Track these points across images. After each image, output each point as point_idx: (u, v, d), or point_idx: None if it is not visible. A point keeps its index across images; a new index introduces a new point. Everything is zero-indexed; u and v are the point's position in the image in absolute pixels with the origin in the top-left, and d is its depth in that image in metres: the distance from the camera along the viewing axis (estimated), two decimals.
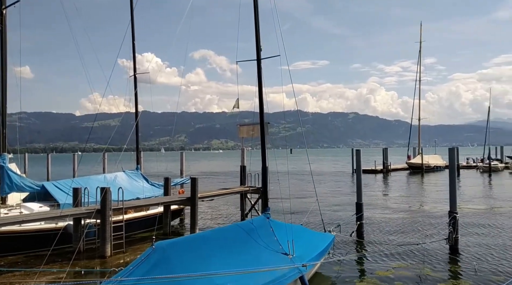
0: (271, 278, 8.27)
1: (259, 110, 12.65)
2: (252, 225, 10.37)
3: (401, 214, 22.84)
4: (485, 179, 47.38)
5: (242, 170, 22.14)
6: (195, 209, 17.15)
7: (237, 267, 8.17)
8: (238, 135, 22.95)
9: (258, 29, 12.34)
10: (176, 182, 21.81)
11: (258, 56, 12.29)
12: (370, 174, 54.70)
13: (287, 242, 9.87)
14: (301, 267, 9.21)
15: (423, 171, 56.32)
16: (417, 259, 13.29)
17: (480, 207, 25.11)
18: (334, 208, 24.89)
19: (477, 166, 62.26)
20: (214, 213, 23.89)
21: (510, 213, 22.56)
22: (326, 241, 12.05)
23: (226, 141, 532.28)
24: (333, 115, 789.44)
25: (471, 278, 11.34)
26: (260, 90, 12.31)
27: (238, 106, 15.39)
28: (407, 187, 40.40)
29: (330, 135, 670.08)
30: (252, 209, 20.85)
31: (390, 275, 11.63)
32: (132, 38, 23.05)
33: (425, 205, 26.82)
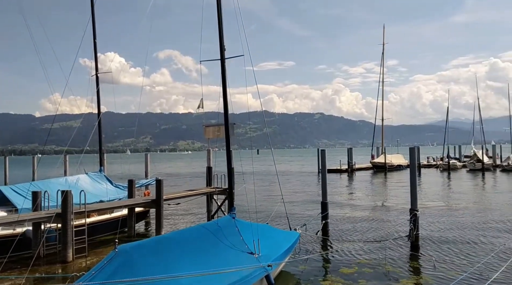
0: (237, 278, 8.28)
1: (223, 111, 12.62)
2: (217, 226, 10.34)
3: (365, 212, 23.35)
4: (445, 177, 49.11)
5: (208, 171, 22.02)
6: (160, 211, 16.94)
7: (203, 268, 8.13)
8: (204, 136, 22.79)
9: (221, 28, 12.32)
10: (141, 183, 21.46)
11: (222, 56, 12.27)
12: (335, 173, 55.65)
13: (252, 241, 9.91)
14: (267, 266, 9.26)
15: (386, 170, 57.76)
16: (380, 256, 13.61)
17: (440, 204, 26.01)
18: (300, 207, 25.16)
19: (437, 165, 64.42)
20: (180, 214, 23.66)
21: (467, 209, 23.48)
22: (292, 239, 12.17)
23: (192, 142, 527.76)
24: (300, 116, 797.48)
25: (430, 274, 11.72)
26: (224, 90, 12.30)
27: (203, 106, 15.29)
28: (371, 186, 41.34)
29: (296, 136, 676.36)
30: (219, 210, 20.77)
31: (353, 273, 11.86)
32: (93, 36, 22.50)
33: (388, 203, 27.53)
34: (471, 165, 58.03)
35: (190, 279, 7.65)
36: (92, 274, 7.39)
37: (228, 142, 12.57)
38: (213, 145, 24.00)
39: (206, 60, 13.28)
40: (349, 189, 38.06)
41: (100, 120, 21.84)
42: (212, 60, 12.69)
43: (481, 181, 42.76)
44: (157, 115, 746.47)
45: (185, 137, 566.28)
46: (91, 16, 22.11)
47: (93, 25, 22.45)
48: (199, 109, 15.31)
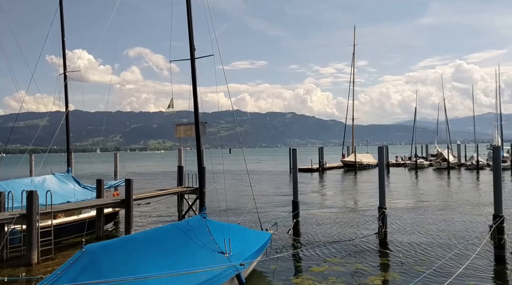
0: (207, 278, 8.24)
1: (193, 110, 12.53)
2: (188, 225, 10.27)
3: (336, 211, 23.67)
4: (412, 175, 50.34)
5: (179, 170, 21.84)
6: (130, 211, 16.66)
7: (173, 268, 8.05)
8: (175, 135, 22.61)
9: (191, 28, 12.23)
10: (110, 184, 21.05)
11: (191, 56, 12.18)
12: (306, 172, 56.15)
13: (223, 241, 9.89)
14: (238, 265, 9.26)
15: (356, 168, 58.75)
16: (350, 254, 13.83)
17: (407, 202, 26.65)
18: (272, 206, 25.26)
19: (405, 164, 65.98)
20: (150, 214, 23.34)
21: (434, 207, 24.15)
22: (263, 239, 12.21)
23: (163, 142, 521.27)
24: (272, 115, 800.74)
25: (398, 270, 12.01)
26: (194, 90, 12.21)
27: (173, 106, 15.16)
28: (341, 185, 41.94)
29: (268, 135, 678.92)
30: (190, 210, 20.64)
31: (324, 271, 12.00)
32: (61, 33, 21.89)
33: (358, 201, 28.01)
34: (437, 164, 59.71)
35: (159, 279, 7.56)
36: (57, 275, 7.21)
37: (198, 141, 12.49)
38: (185, 144, 23.85)
39: (175, 60, 13.16)
40: (320, 188, 38.50)
41: (67, 119, 21.31)
42: (181, 60, 12.59)
43: (446, 180, 44.05)
44: (127, 114, 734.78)
45: (156, 136, 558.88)
46: (60, 12, 21.52)
47: (62, 22, 21.84)
48: (170, 108, 15.17)
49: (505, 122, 68.60)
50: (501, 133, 65.39)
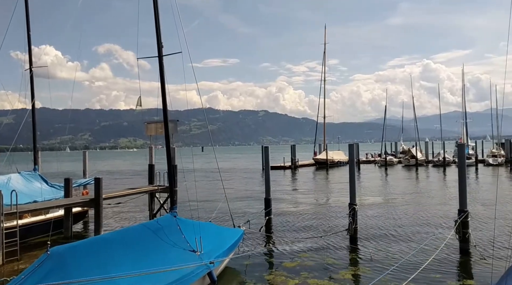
0: (178, 276, 8.18)
1: (162, 108, 12.37)
2: (158, 224, 10.16)
3: (307, 208, 23.92)
4: (382, 172, 51.40)
5: (150, 168, 21.57)
6: (99, 210, 16.34)
7: (143, 268, 7.95)
8: (145, 133, 22.31)
9: (158, 25, 12.06)
10: (79, 183, 20.58)
11: (159, 53, 12.02)
12: (279, 170, 56.46)
13: (194, 239, 9.84)
14: (209, 263, 9.23)
15: (328, 166, 59.48)
16: (321, 250, 14.03)
17: (377, 198, 27.21)
18: (244, 204, 25.31)
19: (375, 161, 67.27)
20: (121, 214, 22.96)
21: (402, 203, 24.75)
22: (235, 236, 12.22)
23: (134, 140, 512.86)
24: (244, 113, 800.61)
25: (367, 264, 12.26)
26: (162, 87, 12.05)
27: (141, 104, 14.94)
28: (313, 182, 42.39)
29: (241, 133, 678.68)
30: (161, 209, 20.43)
31: (296, 267, 12.12)
32: (27, 28, 21.21)
33: (329, 198, 28.39)
34: (406, 161, 61.16)
35: (128, 279, 7.45)
36: (21, 279, 7.01)
37: (168, 139, 12.36)
38: (156, 142, 23.57)
39: (143, 57, 12.96)
40: (292, 185, 38.80)
41: (34, 116, 20.70)
42: (149, 57, 12.41)
43: (415, 176, 45.18)
44: (97, 111, 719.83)
45: (127, 134, 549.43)
46: (25, 7, 20.84)
47: (27, 17, 21.16)
48: (138, 106, 14.94)
49: (470, 120, 70.81)
50: (466, 131, 67.43)
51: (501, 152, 60.25)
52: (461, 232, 12.92)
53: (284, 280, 10.95)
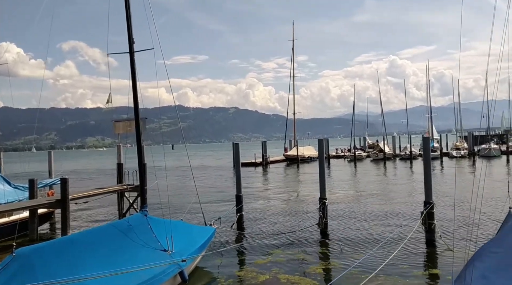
0: (148, 276, 8.09)
1: (133, 106, 12.18)
2: (128, 224, 10.00)
3: (279, 203, 24.08)
4: (352, 167, 52.29)
5: (119, 167, 21.19)
6: (66, 211, 15.95)
7: (112, 268, 7.80)
8: (114, 132, 21.89)
9: (129, 20, 11.84)
10: (44, 183, 20.00)
11: (130, 49, 11.81)
12: (250, 166, 56.54)
13: (165, 238, 9.74)
14: (181, 262, 9.17)
15: (299, 162, 59.98)
16: (292, 245, 14.15)
17: (347, 192, 27.68)
18: (216, 201, 25.23)
19: (344, 155, 68.34)
20: (89, 215, 22.47)
21: (371, 196, 25.28)
22: (207, 234, 12.17)
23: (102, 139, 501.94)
24: (214, 110, 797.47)
25: (337, 258, 12.48)
26: (134, 84, 11.86)
27: (111, 101, 14.65)
28: (284, 178, 42.68)
29: (212, 130, 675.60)
30: (131, 208, 20.11)
31: (267, 263, 12.18)
32: None
33: (300, 193, 28.66)
34: (374, 155, 62.41)
35: (97, 280, 7.31)
36: None
37: (138, 137, 12.18)
38: (125, 140, 23.15)
39: (114, 53, 12.72)
40: (263, 182, 38.96)
41: None
42: (120, 53, 12.17)
43: (383, 170, 46.20)
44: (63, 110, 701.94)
45: (94, 133, 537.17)
46: None
47: None
48: (108, 104, 14.64)
49: (435, 114, 72.96)
50: (431, 125, 69.37)
51: (464, 145, 62.37)
52: (427, 223, 13.29)
53: (255, 276, 11.00)
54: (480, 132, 76.54)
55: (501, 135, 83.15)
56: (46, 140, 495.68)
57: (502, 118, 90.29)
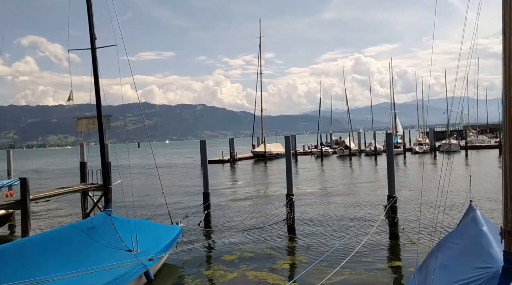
0: (112, 277, 7.91)
1: (96, 103, 11.85)
2: (91, 224, 9.75)
3: (246, 200, 24.12)
4: (318, 163, 52.96)
5: (82, 166, 20.62)
6: (26, 212, 15.34)
7: (74, 270, 7.58)
8: (76, 130, 21.29)
9: (91, 15, 11.50)
10: (1, 184, 19.22)
11: (92, 45, 11.47)
12: (218, 164, 56.32)
13: (130, 238, 9.56)
14: (146, 262, 9.03)
15: (266, 158, 60.24)
16: (260, 241, 14.20)
17: (314, 188, 28.02)
18: (183, 199, 25.00)
19: (311, 152, 69.14)
20: (51, 215, 21.80)
21: (337, 191, 25.73)
22: (173, 233, 12.04)
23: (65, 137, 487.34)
24: (181, 108, 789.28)
25: (304, 252, 12.63)
26: (96, 81, 11.54)
27: (73, 98, 14.22)
28: (252, 175, 42.78)
29: (179, 128, 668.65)
30: (95, 208, 19.61)
31: (235, 260, 12.17)
32: None
33: (268, 190, 28.79)
34: (340, 151, 63.44)
35: (59, 282, 7.09)
36: None
37: (101, 135, 11.87)
38: (89, 139, 22.55)
39: (75, 49, 12.34)
40: (231, 179, 38.90)
41: None
42: (81, 49, 11.81)
43: (349, 165, 47.06)
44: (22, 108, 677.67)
45: (56, 131, 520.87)
46: None
47: None
48: (69, 101, 14.19)
49: (398, 111, 74.81)
50: (394, 121, 71.11)
51: (426, 140, 64.30)
52: (390, 216, 13.62)
53: (223, 274, 10.96)
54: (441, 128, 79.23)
55: (460, 131, 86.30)
56: (5, 139, 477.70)
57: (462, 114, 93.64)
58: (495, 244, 5.93)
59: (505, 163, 5.26)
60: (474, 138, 69.96)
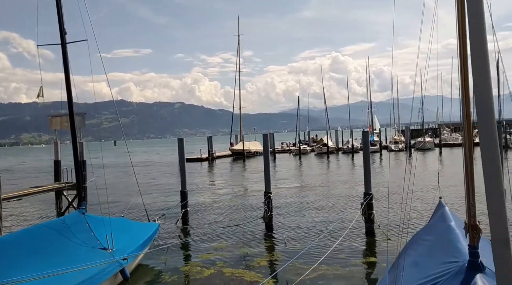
0: (87, 276, 7.79)
1: (67, 100, 11.62)
2: (64, 223, 9.57)
3: (225, 198, 24.08)
4: (297, 160, 53.28)
5: (56, 165, 20.21)
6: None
7: (47, 270, 7.43)
8: (50, 128, 20.84)
9: (60, 8, 11.22)
10: None
11: (62, 40, 11.22)
12: (196, 162, 56.02)
13: (105, 236, 9.42)
14: (122, 260, 8.93)
15: (245, 156, 60.24)
16: (238, 239, 14.22)
17: (292, 186, 28.19)
18: (161, 197, 24.80)
19: (290, 150, 69.48)
20: (24, 215, 21.28)
21: (315, 189, 25.94)
22: (150, 231, 11.93)
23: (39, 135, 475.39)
24: (159, 105, 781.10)
25: (282, 250, 12.70)
26: (67, 77, 11.30)
27: (43, 95, 13.90)
28: (230, 173, 42.71)
29: (157, 126, 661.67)
30: (70, 207, 19.27)
31: (212, 257, 12.16)
32: None
33: (246, 187, 28.81)
34: (318, 149, 63.93)
35: (32, 282, 6.94)
36: None
37: (73, 133, 11.65)
38: (64, 137, 22.08)
39: (44, 44, 12.03)
40: (209, 177, 38.77)
41: None
42: (51, 44, 11.54)
43: (326, 163, 47.48)
44: None
45: (30, 129, 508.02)
46: None
47: None
48: (39, 98, 13.87)
49: (375, 109, 75.92)
50: (371, 119, 72.13)
51: (401, 138, 65.44)
52: (366, 213, 13.84)
53: (200, 271, 10.94)
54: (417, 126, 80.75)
55: (435, 129, 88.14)
56: None
57: (437, 112, 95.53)
58: (462, 239, 6.10)
59: (466, 159, 5.44)
60: (448, 136, 71.52)
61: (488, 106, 2.70)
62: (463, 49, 5.33)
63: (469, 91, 5.38)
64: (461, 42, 5.32)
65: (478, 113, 2.75)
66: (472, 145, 5.42)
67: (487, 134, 2.71)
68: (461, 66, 5.41)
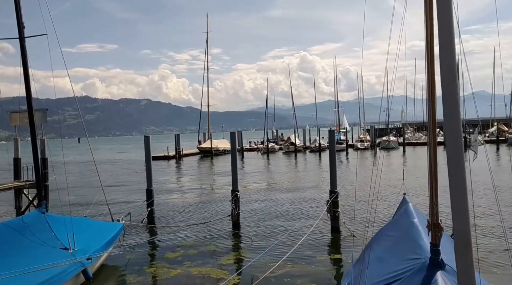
0: (47, 277, 7.55)
1: (26, 95, 11.21)
2: (23, 222, 9.24)
3: (192, 196, 23.89)
4: (265, 159, 53.47)
5: (16, 162, 19.48)
6: None
7: (6, 271, 7.15)
8: (10, 124, 20.06)
9: (18, 2, 10.80)
10: None
11: (20, 35, 10.81)
12: (163, 160, 55.34)
13: (66, 236, 9.15)
14: (84, 260, 8.70)
15: (213, 154, 59.95)
16: (205, 237, 14.14)
17: (259, 184, 28.26)
18: (126, 196, 24.33)
19: (258, 148, 69.67)
20: None
21: (282, 187, 26.13)
22: (114, 230, 11.69)
23: None
24: (125, 102, 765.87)
25: (248, 247, 12.73)
26: (25, 72, 10.90)
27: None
28: (197, 171, 42.42)
29: (122, 123, 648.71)
30: (31, 206, 18.62)
31: (179, 257, 12.03)
32: None
33: (213, 186, 28.68)
34: (286, 148, 64.41)
35: None
36: None
37: (33, 129, 11.26)
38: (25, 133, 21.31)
39: (1, 38, 11.57)
40: (176, 175, 38.36)
41: None
42: (8, 39, 11.11)
43: (294, 162, 47.88)
44: None
45: None
46: None
47: None
48: None
49: (342, 108, 77.10)
50: (338, 118, 73.23)
51: (367, 137, 66.78)
52: (332, 211, 14.03)
53: (166, 271, 10.81)
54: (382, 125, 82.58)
55: (399, 129, 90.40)
56: None
57: (401, 112, 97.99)
58: (424, 236, 6.26)
59: (430, 159, 5.60)
60: (411, 135, 73.54)
61: (454, 106, 2.76)
62: (430, 51, 5.45)
63: (435, 92, 5.51)
64: (429, 44, 5.44)
65: (445, 113, 2.80)
66: (436, 145, 5.57)
67: (453, 134, 2.77)
68: (428, 68, 5.53)
